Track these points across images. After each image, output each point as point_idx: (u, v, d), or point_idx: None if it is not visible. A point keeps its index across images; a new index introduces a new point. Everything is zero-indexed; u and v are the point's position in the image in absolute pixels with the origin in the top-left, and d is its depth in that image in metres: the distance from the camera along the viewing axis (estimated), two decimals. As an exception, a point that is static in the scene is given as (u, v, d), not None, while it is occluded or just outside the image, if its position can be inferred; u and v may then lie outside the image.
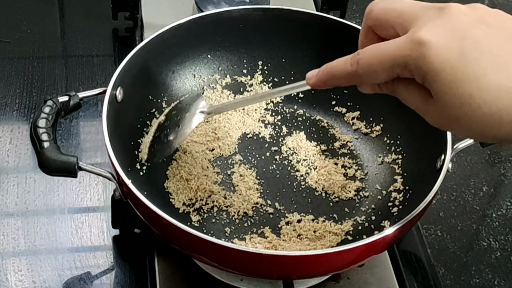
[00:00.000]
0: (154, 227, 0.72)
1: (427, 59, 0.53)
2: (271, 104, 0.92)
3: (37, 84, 0.99)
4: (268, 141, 0.88)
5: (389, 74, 0.57)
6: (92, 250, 0.82)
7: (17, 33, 1.07)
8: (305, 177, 0.85)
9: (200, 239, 0.66)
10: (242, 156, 0.86)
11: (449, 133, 0.76)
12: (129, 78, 0.80)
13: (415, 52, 0.54)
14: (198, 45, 0.89)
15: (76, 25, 1.09)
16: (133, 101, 0.81)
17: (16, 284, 0.78)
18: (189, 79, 0.90)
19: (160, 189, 0.81)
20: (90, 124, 0.95)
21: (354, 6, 1.14)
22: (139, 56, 0.82)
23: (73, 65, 1.03)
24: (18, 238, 0.82)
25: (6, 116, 0.95)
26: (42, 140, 0.71)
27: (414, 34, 0.54)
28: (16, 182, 0.87)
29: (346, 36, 0.87)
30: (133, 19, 1.08)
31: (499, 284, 0.83)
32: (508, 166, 0.96)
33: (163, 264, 0.78)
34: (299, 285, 0.76)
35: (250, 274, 0.74)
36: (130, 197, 0.72)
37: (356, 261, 0.71)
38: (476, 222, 0.89)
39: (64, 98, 0.76)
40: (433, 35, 0.54)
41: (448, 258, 0.85)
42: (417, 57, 0.54)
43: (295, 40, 0.91)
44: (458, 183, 0.93)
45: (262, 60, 0.92)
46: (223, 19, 0.89)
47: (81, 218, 0.85)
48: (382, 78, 0.58)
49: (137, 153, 0.81)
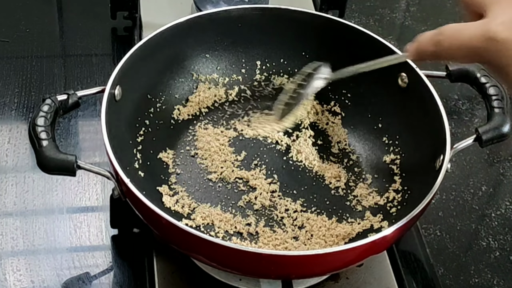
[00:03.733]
0: (153, 226, 0.72)
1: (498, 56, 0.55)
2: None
3: (36, 83, 0.99)
4: (268, 141, 0.88)
5: (468, 60, 0.59)
6: (91, 249, 0.82)
7: (15, 32, 1.06)
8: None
9: (199, 238, 0.66)
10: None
11: (448, 133, 0.76)
12: (128, 77, 0.80)
13: (486, 47, 0.56)
14: (196, 45, 0.89)
15: (74, 24, 1.09)
16: (131, 100, 0.81)
17: (15, 284, 0.78)
18: (187, 78, 0.90)
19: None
20: (88, 123, 0.95)
21: (353, 5, 1.14)
22: (138, 55, 0.82)
23: (71, 64, 1.03)
24: (17, 237, 0.82)
25: (5, 115, 0.95)
26: (41, 138, 0.71)
27: (488, 27, 0.56)
28: (14, 182, 0.87)
29: (345, 36, 0.87)
30: (131, 19, 1.08)
31: (498, 284, 0.83)
32: (507, 165, 0.96)
33: (162, 264, 0.78)
34: (298, 284, 0.76)
35: (249, 274, 0.73)
36: (129, 196, 0.72)
37: (355, 261, 0.71)
38: (475, 222, 0.89)
39: (63, 96, 0.76)
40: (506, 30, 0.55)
41: (447, 258, 0.85)
42: (489, 52, 0.56)
43: (293, 40, 0.91)
44: (457, 183, 0.93)
45: (261, 60, 0.92)
46: (221, 18, 0.89)
47: (79, 218, 0.84)
48: (462, 60, 0.60)
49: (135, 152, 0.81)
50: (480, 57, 0.57)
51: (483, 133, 0.78)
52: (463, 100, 1.03)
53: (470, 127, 1.00)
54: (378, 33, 0.87)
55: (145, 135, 0.84)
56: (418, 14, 1.17)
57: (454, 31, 0.59)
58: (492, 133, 0.78)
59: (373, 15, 1.14)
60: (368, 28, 0.88)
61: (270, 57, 0.92)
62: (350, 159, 0.87)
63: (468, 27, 0.58)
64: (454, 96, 1.04)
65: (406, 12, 1.17)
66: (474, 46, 0.57)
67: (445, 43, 0.59)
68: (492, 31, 0.55)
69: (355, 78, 0.87)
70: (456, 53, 0.59)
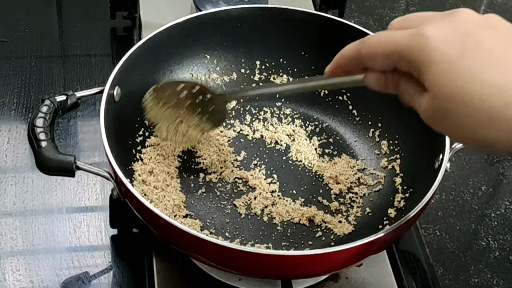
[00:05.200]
0: (152, 226, 0.72)
1: (425, 51, 0.54)
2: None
3: (35, 83, 0.99)
4: (268, 141, 0.88)
5: (388, 62, 0.58)
6: (90, 249, 0.82)
7: (15, 32, 1.06)
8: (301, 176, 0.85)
9: (198, 238, 0.66)
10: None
11: (448, 133, 0.76)
12: (127, 78, 0.80)
13: (414, 43, 0.55)
14: (196, 44, 0.89)
15: (74, 24, 1.09)
16: (130, 101, 0.81)
17: (14, 284, 0.78)
18: (186, 78, 0.90)
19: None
20: (87, 123, 0.95)
21: (352, 5, 1.14)
22: (137, 56, 0.82)
23: (71, 64, 1.03)
24: (16, 237, 0.82)
25: (4, 115, 0.95)
26: (40, 139, 0.71)
27: (420, 29, 0.55)
28: (14, 182, 0.87)
29: (344, 35, 0.87)
30: (131, 19, 1.08)
31: (498, 284, 0.83)
32: (506, 165, 0.96)
33: (161, 264, 0.78)
34: (298, 284, 0.76)
35: (248, 274, 0.73)
36: (128, 197, 0.72)
37: (355, 260, 0.71)
38: (475, 222, 0.89)
39: (62, 97, 0.76)
40: (437, 31, 0.55)
41: (446, 258, 0.85)
42: (415, 47, 0.55)
43: (293, 40, 0.91)
44: (457, 182, 0.93)
45: (260, 60, 0.92)
46: (221, 18, 0.89)
47: (79, 218, 0.84)
48: (381, 63, 0.59)
49: (134, 152, 0.81)
50: (403, 55, 0.56)
51: (483, 133, 0.78)
52: (463, 99, 1.03)
53: (469, 126, 0.99)
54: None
55: (144, 135, 0.84)
56: (418, 13, 1.16)
57: (382, 33, 0.59)
58: (492, 133, 0.78)
59: (372, 15, 1.14)
60: (367, 28, 0.88)
61: (269, 57, 0.92)
62: (348, 159, 0.87)
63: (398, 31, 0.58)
64: (454, 96, 1.04)
65: (406, 12, 1.17)
66: (401, 44, 0.56)
67: (369, 41, 0.59)
68: (422, 30, 0.55)
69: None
70: (379, 50, 0.58)
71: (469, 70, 0.53)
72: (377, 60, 0.59)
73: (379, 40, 0.59)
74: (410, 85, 0.58)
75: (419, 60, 0.55)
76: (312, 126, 0.90)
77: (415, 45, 0.55)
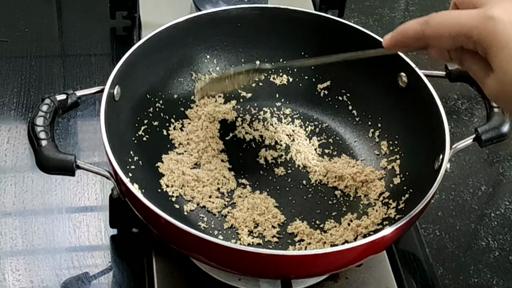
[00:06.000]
0: (152, 226, 0.72)
1: (492, 33, 0.54)
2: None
3: (35, 83, 0.99)
4: (268, 141, 0.88)
5: (453, 42, 0.58)
6: (90, 249, 0.82)
7: (15, 32, 1.06)
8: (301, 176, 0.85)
9: (198, 238, 0.66)
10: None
11: (448, 133, 0.76)
12: (127, 77, 0.80)
13: (482, 25, 0.55)
14: (196, 44, 0.89)
15: (74, 24, 1.09)
16: (130, 100, 0.81)
17: (14, 284, 0.78)
18: (186, 78, 0.90)
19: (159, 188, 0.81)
20: (88, 123, 0.95)
21: (352, 5, 1.14)
22: (137, 55, 0.82)
23: (71, 64, 1.03)
24: (16, 237, 0.82)
25: (4, 115, 0.95)
26: (40, 138, 0.71)
27: (486, 10, 0.55)
28: (14, 182, 0.87)
29: (344, 35, 0.87)
30: (131, 18, 1.08)
31: (497, 284, 0.83)
32: (506, 165, 0.96)
33: (161, 264, 0.78)
34: (298, 284, 0.76)
35: (248, 274, 0.73)
36: (128, 196, 0.72)
37: (355, 261, 0.71)
38: (475, 222, 0.89)
39: (62, 96, 0.76)
40: (504, 13, 0.54)
41: (446, 258, 0.85)
42: (483, 30, 0.54)
43: (293, 39, 0.91)
44: (457, 182, 0.93)
45: (260, 59, 0.92)
46: (221, 18, 0.89)
47: (79, 218, 0.84)
48: (447, 44, 0.59)
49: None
50: (469, 37, 0.56)
51: (483, 133, 0.78)
52: (463, 99, 1.04)
53: (469, 126, 1.00)
54: (378, 33, 0.87)
55: (144, 134, 0.84)
56: (418, 14, 1.17)
57: (448, 13, 0.58)
58: (492, 133, 0.78)
59: (372, 15, 1.14)
60: (367, 27, 0.88)
61: (269, 57, 0.92)
62: (348, 159, 0.87)
63: (465, 10, 0.57)
64: (454, 96, 1.04)
65: (406, 12, 1.18)
66: (469, 25, 0.55)
67: (434, 22, 0.58)
68: (489, 11, 0.54)
69: (355, 77, 0.88)
70: (445, 32, 0.57)
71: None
72: (442, 41, 0.59)
73: (444, 21, 0.58)
74: (476, 62, 0.58)
75: (486, 42, 0.54)
76: (312, 126, 0.90)
77: (482, 27, 0.54)
